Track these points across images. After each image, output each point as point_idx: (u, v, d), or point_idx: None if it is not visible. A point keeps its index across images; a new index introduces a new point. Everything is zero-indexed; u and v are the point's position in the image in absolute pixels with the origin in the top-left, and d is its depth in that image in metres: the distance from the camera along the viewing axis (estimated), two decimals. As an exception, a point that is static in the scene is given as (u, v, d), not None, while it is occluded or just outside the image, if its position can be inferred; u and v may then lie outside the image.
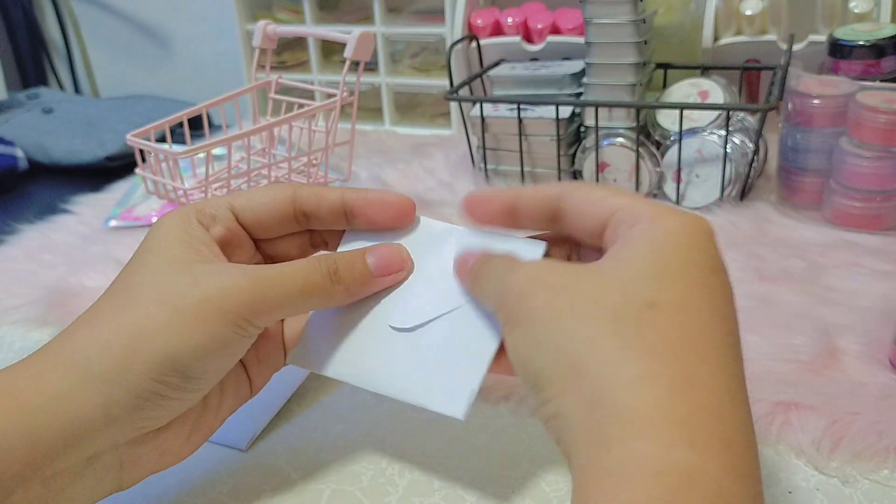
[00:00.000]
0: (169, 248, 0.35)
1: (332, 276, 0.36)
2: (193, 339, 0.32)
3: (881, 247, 0.61)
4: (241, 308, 0.33)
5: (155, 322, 0.32)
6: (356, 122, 0.66)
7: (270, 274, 0.35)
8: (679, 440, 0.25)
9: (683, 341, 0.27)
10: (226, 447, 0.42)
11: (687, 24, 0.87)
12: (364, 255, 0.38)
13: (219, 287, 0.33)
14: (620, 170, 0.72)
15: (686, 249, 0.30)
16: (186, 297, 0.33)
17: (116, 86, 1.40)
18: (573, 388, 0.28)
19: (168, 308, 0.33)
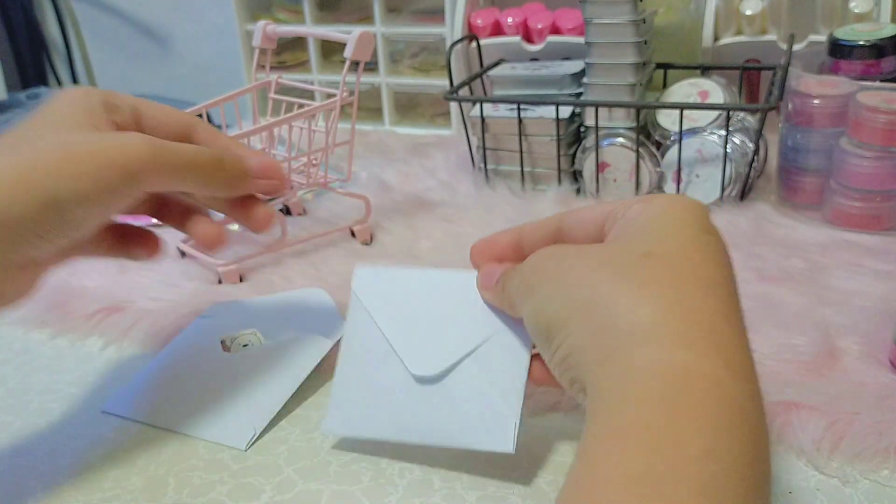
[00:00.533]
0: (72, 111, 0.38)
1: (218, 162, 0.40)
2: (80, 184, 0.35)
3: (881, 247, 0.61)
4: (136, 163, 0.36)
5: (47, 164, 0.35)
6: (356, 123, 0.66)
7: (165, 142, 0.38)
8: (675, 345, 0.28)
9: (677, 276, 0.31)
10: (226, 447, 0.42)
11: (687, 24, 0.87)
12: (246, 158, 0.42)
13: (119, 143, 0.36)
14: (620, 170, 0.72)
15: (680, 215, 0.33)
16: (84, 146, 0.36)
17: (116, 86, 1.40)
18: (581, 324, 0.31)
19: (62, 152, 0.35)
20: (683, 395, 0.26)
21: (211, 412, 0.44)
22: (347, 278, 0.61)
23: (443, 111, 1.01)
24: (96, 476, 0.41)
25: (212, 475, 0.40)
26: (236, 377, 0.47)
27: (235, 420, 0.43)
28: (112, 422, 0.45)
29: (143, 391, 0.47)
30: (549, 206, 0.72)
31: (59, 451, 0.43)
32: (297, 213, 0.74)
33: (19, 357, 0.53)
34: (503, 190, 0.75)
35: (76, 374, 0.50)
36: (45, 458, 0.42)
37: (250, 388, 0.46)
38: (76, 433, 0.44)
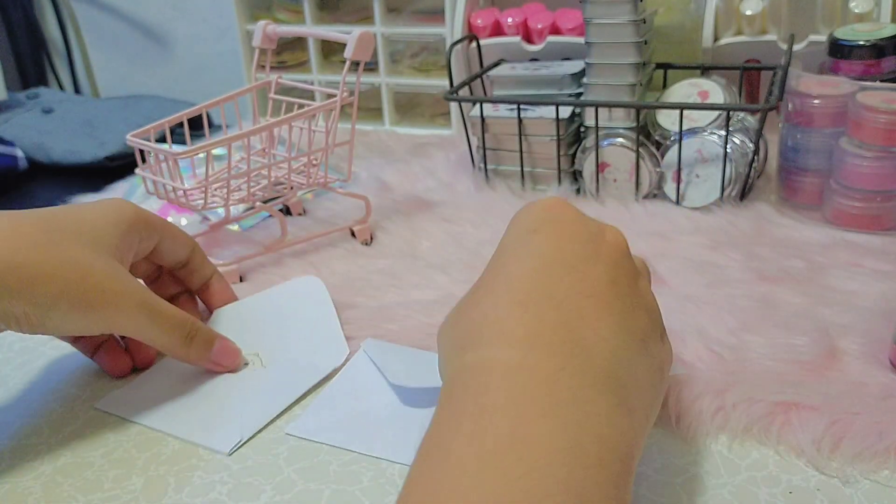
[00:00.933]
0: (109, 235, 0.45)
1: (188, 338, 0.47)
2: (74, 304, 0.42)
3: (881, 247, 0.61)
4: (121, 313, 0.43)
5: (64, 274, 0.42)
6: (356, 123, 0.66)
7: (156, 307, 0.45)
8: (475, 345, 0.32)
9: (552, 251, 0.35)
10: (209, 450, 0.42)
11: (687, 24, 0.87)
12: (213, 340, 0.48)
13: (123, 290, 0.44)
14: (620, 170, 0.72)
15: (516, 219, 0.38)
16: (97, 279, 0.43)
17: (116, 86, 1.40)
18: (447, 323, 0.36)
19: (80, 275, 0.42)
20: (484, 386, 0.30)
21: (203, 417, 0.45)
22: (347, 278, 0.61)
23: (443, 111, 1.01)
24: (96, 476, 0.41)
25: (212, 475, 0.40)
26: (231, 389, 0.47)
27: (222, 423, 0.44)
28: (112, 422, 0.45)
29: (140, 393, 0.47)
30: (549, 206, 0.72)
31: (59, 451, 0.43)
32: (297, 213, 0.74)
33: (19, 357, 0.53)
34: (503, 190, 0.75)
35: (76, 374, 0.50)
36: (45, 458, 0.42)
37: (244, 400, 0.46)
38: (76, 433, 0.44)
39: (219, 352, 0.48)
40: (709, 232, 0.65)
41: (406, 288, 0.59)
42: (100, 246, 0.44)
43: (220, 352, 0.48)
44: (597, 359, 0.31)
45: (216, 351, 0.48)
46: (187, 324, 0.47)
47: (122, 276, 0.44)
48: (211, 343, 0.48)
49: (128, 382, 0.49)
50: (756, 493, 0.37)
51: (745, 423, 0.41)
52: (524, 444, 0.27)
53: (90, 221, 0.45)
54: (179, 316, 0.46)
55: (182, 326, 0.46)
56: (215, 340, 0.48)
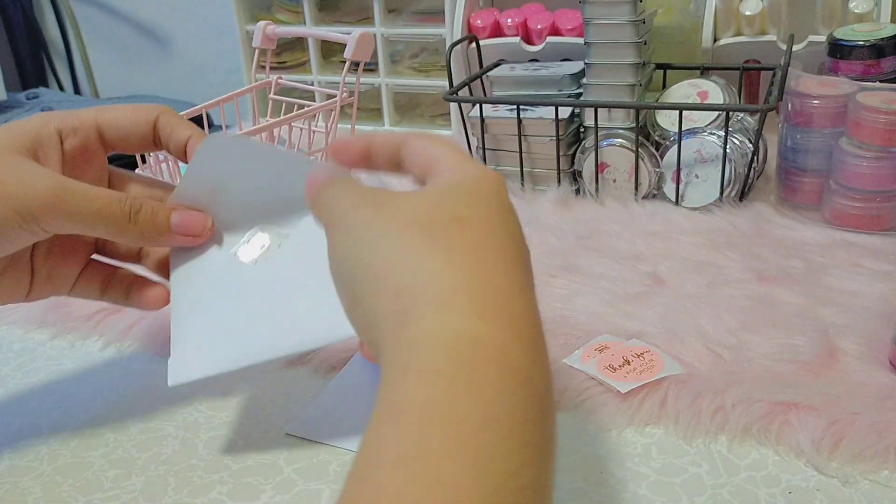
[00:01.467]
0: (14, 139, 0.39)
1: (130, 215, 0.40)
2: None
3: (881, 247, 0.61)
4: (31, 204, 0.37)
5: None
6: (356, 123, 0.66)
7: (74, 187, 0.38)
8: (470, 313, 0.28)
9: (482, 245, 0.30)
10: (226, 447, 0.42)
11: (686, 24, 0.88)
12: (170, 211, 0.41)
13: (18, 178, 0.37)
14: (620, 170, 0.72)
15: (486, 186, 0.34)
16: None
17: (116, 86, 1.40)
18: (383, 283, 0.30)
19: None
20: (467, 365, 0.26)
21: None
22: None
23: (442, 112, 1.01)
24: (96, 476, 0.41)
25: (212, 475, 0.40)
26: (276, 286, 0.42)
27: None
28: (112, 422, 0.45)
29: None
30: (549, 206, 0.72)
31: (59, 451, 0.43)
32: (296, 213, 0.74)
33: (19, 357, 0.53)
34: (503, 190, 0.75)
35: (76, 374, 0.50)
36: (45, 458, 0.42)
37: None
38: (76, 433, 0.44)
39: (182, 222, 0.42)
40: (708, 232, 0.65)
41: (406, 288, 0.59)
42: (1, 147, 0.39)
43: (184, 222, 0.42)
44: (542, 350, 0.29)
45: (179, 220, 0.42)
46: (124, 198, 0.40)
47: (24, 167, 0.38)
48: (164, 214, 0.41)
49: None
50: (755, 493, 0.37)
51: (745, 424, 0.41)
52: None
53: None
54: (113, 193, 0.40)
55: (118, 200, 0.40)
56: (172, 212, 0.42)
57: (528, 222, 0.69)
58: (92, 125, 0.42)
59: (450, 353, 0.26)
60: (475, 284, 0.29)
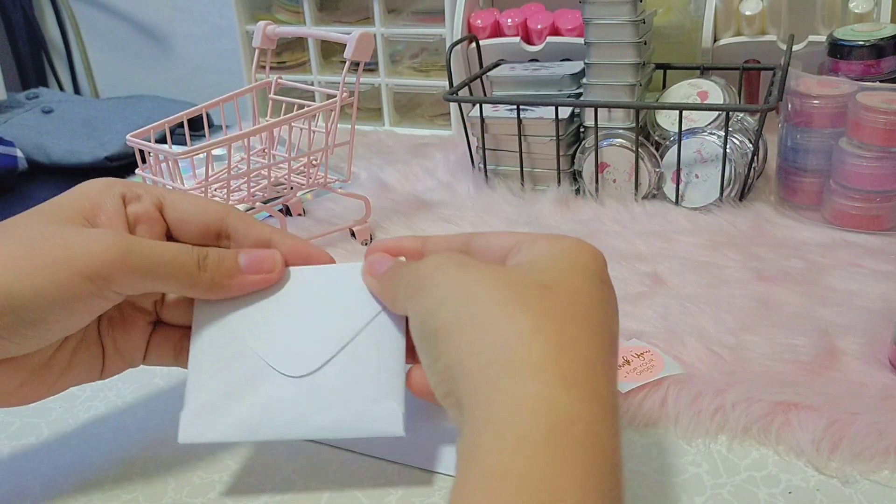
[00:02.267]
0: (76, 203, 0.38)
1: (199, 262, 0.38)
2: (35, 281, 0.33)
3: (881, 247, 0.61)
4: (99, 264, 0.34)
5: (6, 259, 0.33)
6: (356, 123, 0.66)
7: (140, 241, 0.36)
8: (561, 386, 0.28)
9: (570, 313, 0.31)
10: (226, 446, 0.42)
11: (686, 24, 0.87)
12: (236, 253, 0.39)
13: (82, 241, 0.35)
14: (620, 170, 0.72)
15: (581, 259, 0.34)
16: (46, 242, 0.34)
17: (116, 86, 1.40)
18: (468, 339, 0.30)
19: (24, 248, 0.34)
20: (562, 442, 0.26)
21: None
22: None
23: (442, 112, 1.01)
24: (96, 476, 0.41)
25: (212, 475, 0.40)
26: None
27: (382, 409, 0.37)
28: (112, 422, 0.45)
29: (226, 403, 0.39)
30: (549, 206, 0.72)
31: (59, 451, 0.43)
32: (296, 213, 0.74)
33: (19, 357, 0.53)
34: (503, 190, 0.75)
35: (76, 374, 0.50)
36: (45, 458, 0.42)
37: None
38: (76, 433, 0.44)
39: (251, 261, 0.39)
40: (708, 232, 0.65)
41: (406, 288, 0.59)
42: (56, 216, 0.36)
43: (253, 261, 0.39)
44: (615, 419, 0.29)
45: (247, 261, 0.39)
46: (188, 247, 0.38)
47: (86, 230, 0.36)
48: (232, 257, 0.39)
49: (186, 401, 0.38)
50: (755, 493, 0.37)
51: (745, 424, 0.41)
52: None
53: (50, 203, 0.38)
54: (174, 244, 0.38)
55: (185, 250, 0.37)
56: (238, 254, 0.39)
57: (528, 222, 0.69)
58: (156, 198, 0.40)
59: (547, 427, 0.27)
60: (564, 355, 0.29)
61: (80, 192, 0.38)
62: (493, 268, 0.33)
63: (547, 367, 0.28)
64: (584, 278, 0.33)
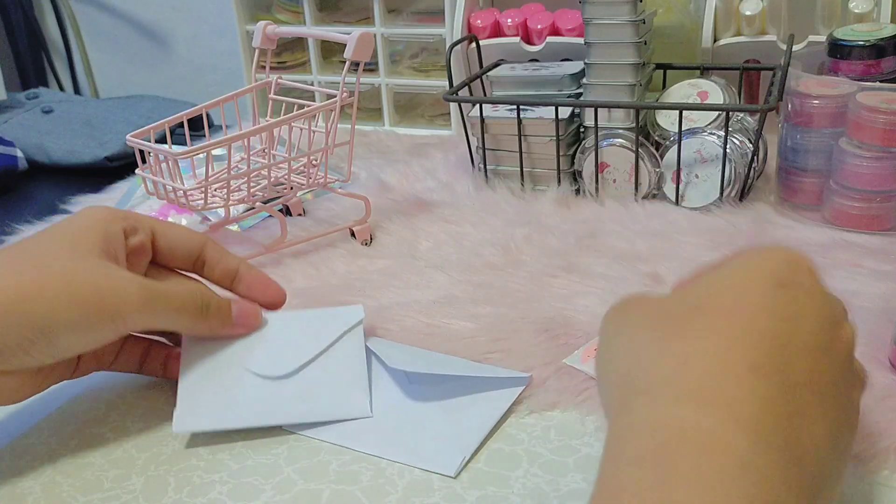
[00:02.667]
0: (87, 237, 0.42)
1: (203, 310, 0.44)
2: (71, 315, 0.38)
3: (881, 247, 0.61)
4: (124, 307, 0.40)
5: (47, 291, 0.38)
6: (356, 123, 0.66)
7: (158, 289, 0.42)
8: (679, 401, 0.28)
9: (711, 331, 0.30)
10: (226, 447, 0.42)
11: (687, 24, 0.88)
12: (230, 305, 0.45)
13: (110, 284, 0.40)
14: (620, 170, 0.72)
15: (755, 267, 0.33)
16: (80, 279, 0.39)
17: (116, 86, 1.40)
18: (613, 374, 0.33)
19: (64, 282, 0.39)
20: (676, 454, 0.26)
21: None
22: (347, 279, 0.61)
23: (442, 112, 1.01)
24: (96, 476, 0.41)
25: (212, 475, 0.40)
26: None
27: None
28: (112, 422, 0.45)
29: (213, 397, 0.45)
30: (549, 206, 0.72)
31: (58, 451, 0.43)
32: (296, 213, 0.74)
33: (19, 357, 0.53)
34: (503, 190, 0.75)
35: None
36: (45, 458, 0.42)
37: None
38: (76, 433, 0.44)
39: (240, 314, 0.46)
40: (708, 232, 0.65)
41: (406, 288, 0.59)
42: (79, 249, 0.41)
43: (242, 314, 0.46)
44: (806, 474, 0.27)
45: (237, 313, 0.46)
46: (197, 295, 0.44)
47: (113, 272, 0.41)
48: (227, 308, 0.45)
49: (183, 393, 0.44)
50: (756, 493, 0.37)
51: (745, 423, 0.41)
52: None
53: (63, 232, 0.42)
54: (187, 290, 0.44)
55: (193, 299, 0.44)
56: (231, 304, 0.46)
57: (528, 222, 0.69)
58: (148, 229, 0.45)
59: (659, 440, 0.27)
60: (688, 370, 0.29)
61: (90, 222, 0.43)
62: (656, 300, 0.35)
63: (668, 387, 0.29)
64: (748, 289, 0.31)
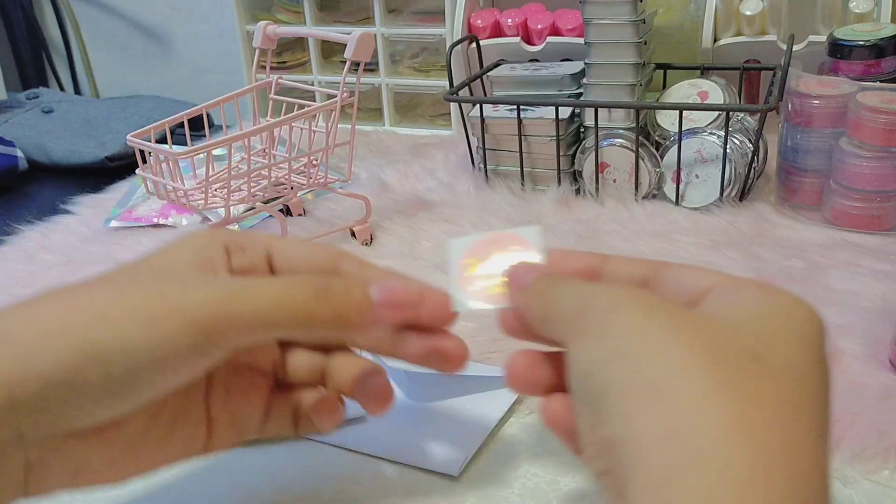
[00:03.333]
0: (183, 256, 0.33)
1: (318, 295, 0.31)
2: (126, 330, 0.28)
3: (881, 247, 0.61)
4: (198, 312, 0.29)
5: (92, 307, 0.29)
6: (356, 123, 0.66)
7: (245, 283, 0.31)
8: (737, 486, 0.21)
9: (789, 402, 0.24)
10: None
11: (687, 24, 0.88)
12: (364, 285, 0.33)
13: (179, 289, 0.30)
14: (620, 170, 0.72)
15: (802, 325, 0.27)
16: (139, 289, 0.30)
17: (116, 86, 1.40)
18: (648, 412, 0.23)
19: (114, 294, 0.30)
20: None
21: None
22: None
23: (443, 112, 1.01)
24: (96, 476, 0.41)
25: (212, 475, 0.40)
26: None
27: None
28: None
29: None
30: (549, 206, 0.72)
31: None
32: (297, 213, 0.74)
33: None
34: (503, 190, 0.76)
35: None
36: (45, 459, 0.42)
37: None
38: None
39: (383, 292, 0.32)
40: (708, 232, 0.65)
41: (406, 288, 0.59)
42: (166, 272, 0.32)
43: (386, 291, 0.33)
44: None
45: (379, 292, 0.32)
46: (303, 279, 0.32)
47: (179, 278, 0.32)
48: (357, 286, 0.32)
49: None
50: (756, 493, 0.37)
51: (745, 424, 0.41)
52: None
53: (151, 258, 0.33)
54: (285, 278, 0.34)
55: (297, 284, 0.31)
56: (365, 284, 0.33)
57: (529, 222, 0.69)
58: (262, 248, 0.35)
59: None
60: (774, 470, 0.22)
61: (182, 245, 0.34)
62: (686, 317, 0.26)
63: (752, 488, 0.21)
64: (803, 351, 0.26)
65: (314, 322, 0.31)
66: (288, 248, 0.35)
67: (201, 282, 0.31)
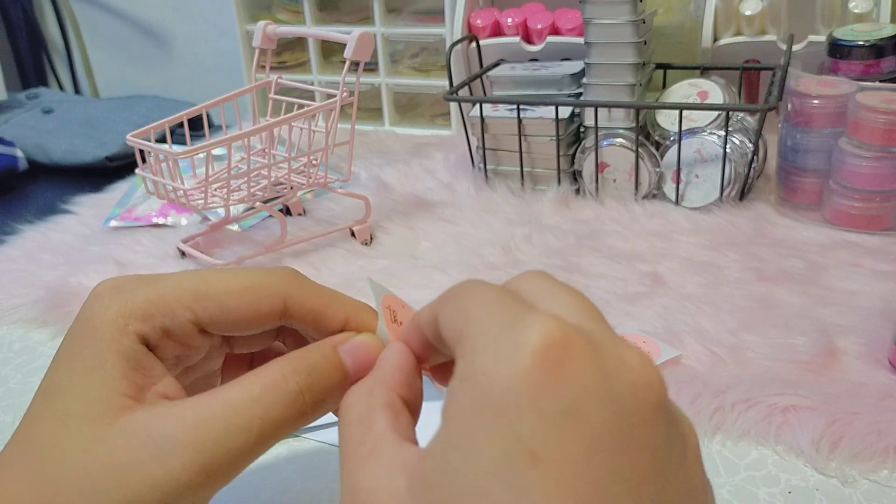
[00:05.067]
0: (91, 377, 0.28)
1: (303, 394, 0.29)
2: None
3: (881, 247, 0.61)
4: (172, 486, 0.27)
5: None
6: (356, 123, 0.66)
7: (215, 430, 0.28)
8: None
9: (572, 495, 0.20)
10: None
11: (686, 24, 0.88)
12: (337, 352, 0.30)
13: (148, 456, 0.26)
14: (620, 170, 0.72)
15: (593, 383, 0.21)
16: (96, 474, 0.26)
17: (116, 86, 1.40)
18: None
19: (71, 486, 0.26)
20: None
21: None
22: (347, 279, 0.61)
23: (443, 111, 1.01)
24: (96, 476, 0.41)
25: (212, 475, 0.40)
26: None
27: None
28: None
29: None
30: (549, 206, 0.72)
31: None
32: (297, 213, 0.74)
33: (19, 357, 0.53)
34: (503, 190, 0.76)
35: (76, 374, 0.50)
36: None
37: None
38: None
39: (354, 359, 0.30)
40: (708, 232, 0.65)
41: (406, 288, 0.59)
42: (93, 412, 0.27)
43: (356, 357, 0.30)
44: None
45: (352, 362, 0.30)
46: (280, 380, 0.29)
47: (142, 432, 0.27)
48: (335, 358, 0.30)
49: None
50: (755, 493, 0.37)
51: (744, 423, 0.41)
52: None
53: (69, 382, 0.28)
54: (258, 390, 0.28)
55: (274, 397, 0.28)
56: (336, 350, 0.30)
57: (528, 222, 0.69)
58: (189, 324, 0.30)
59: None
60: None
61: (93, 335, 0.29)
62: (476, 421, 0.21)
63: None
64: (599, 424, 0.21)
65: (297, 424, 0.29)
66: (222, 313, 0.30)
67: (167, 446, 0.27)
